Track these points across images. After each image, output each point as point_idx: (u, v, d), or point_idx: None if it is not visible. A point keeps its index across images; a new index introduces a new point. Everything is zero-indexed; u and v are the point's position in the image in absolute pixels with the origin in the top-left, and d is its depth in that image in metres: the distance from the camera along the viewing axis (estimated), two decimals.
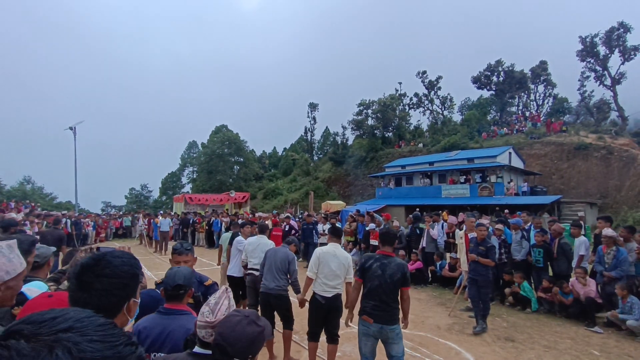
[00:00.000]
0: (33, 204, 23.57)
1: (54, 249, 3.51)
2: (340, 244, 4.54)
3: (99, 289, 1.14)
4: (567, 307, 6.51)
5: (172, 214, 20.55)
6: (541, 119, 36.22)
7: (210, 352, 1.56)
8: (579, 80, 37.89)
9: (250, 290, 5.39)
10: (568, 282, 6.68)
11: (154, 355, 1.91)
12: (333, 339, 4.25)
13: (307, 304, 4.42)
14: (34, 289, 1.73)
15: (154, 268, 11.47)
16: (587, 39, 34.71)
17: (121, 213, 30.18)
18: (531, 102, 44.14)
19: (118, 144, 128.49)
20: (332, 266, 4.12)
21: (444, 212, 17.73)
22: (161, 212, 22.49)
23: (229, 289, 1.72)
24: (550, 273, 7.36)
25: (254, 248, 5.40)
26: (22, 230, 9.81)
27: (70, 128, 21.80)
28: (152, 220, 16.73)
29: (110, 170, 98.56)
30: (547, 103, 43.07)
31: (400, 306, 3.67)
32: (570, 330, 6.03)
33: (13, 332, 0.52)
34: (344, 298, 4.24)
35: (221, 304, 1.61)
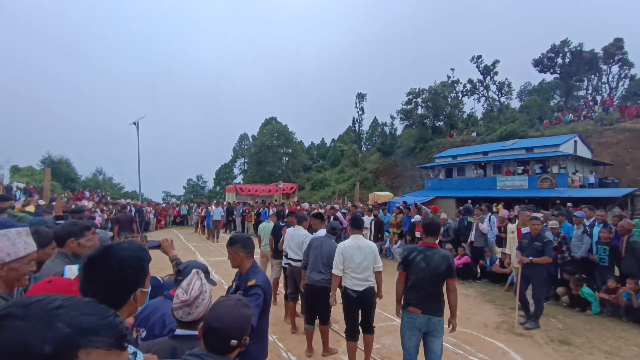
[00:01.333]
0: (104, 193, 25.96)
1: (111, 234, 3.88)
2: (361, 234, 4.39)
3: (104, 280, 1.18)
4: (635, 311, 5.90)
5: (225, 203, 21.56)
6: (614, 104, 32.71)
7: (193, 332, 1.64)
8: None
9: (290, 280, 5.53)
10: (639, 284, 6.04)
11: (142, 331, 2.00)
12: (369, 330, 4.25)
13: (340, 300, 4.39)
14: (74, 268, 1.91)
15: (207, 254, 12.17)
16: None
17: (179, 202, 32.22)
18: (603, 85, 39.95)
19: (177, 137, 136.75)
20: (357, 259, 4.04)
21: (499, 205, 16.81)
22: (215, 201, 23.69)
23: (200, 272, 1.77)
24: (617, 273, 6.72)
25: (290, 239, 5.48)
26: (92, 217, 10.87)
27: (134, 123, 23.56)
28: (206, 209, 17.69)
29: (170, 162, 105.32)
30: (622, 85, 38.72)
31: (447, 299, 3.56)
32: (637, 336, 5.46)
33: (4, 316, 0.55)
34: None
35: (193, 284, 1.68)
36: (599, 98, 37.21)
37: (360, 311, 4.19)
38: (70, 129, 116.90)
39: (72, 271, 1.87)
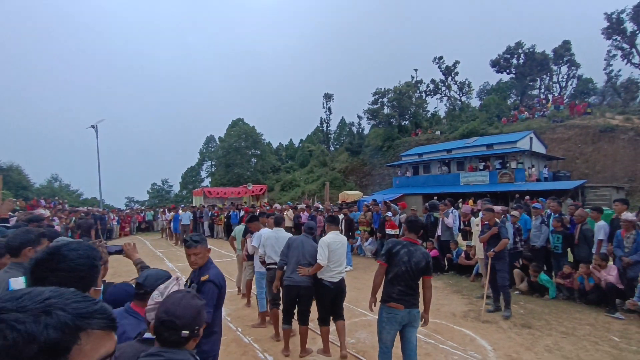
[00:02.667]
0: (61, 201, 24.54)
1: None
2: (338, 230, 4.82)
3: (54, 283, 1.11)
4: (587, 293, 6.37)
5: (192, 207, 21.01)
6: (564, 102, 34.93)
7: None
8: (604, 59, 36.26)
9: (271, 285, 5.14)
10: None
11: None
12: (341, 316, 4.58)
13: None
14: (20, 280, 1.80)
15: (175, 260, 11.82)
16: (614, 16, 33.06)
17: (143, 208, 31.06)
18: (554, 85, 42.61)
19: (139, 141, 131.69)
20: (338, 253, 4.47)
21: (469, 201, 17.49)
22: (182, 205, 23.02)
23: (180, 278, 1.77)
24: (571, 259, 7.21)
25: (274, 243, 5.17)
26: (50, 225, 10.29)
27: (92, 126, 22.48)
28: (175, 213, 17.19)
29: (132, 166, 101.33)
30: (571, 85, 41.49)
31: (422, 294, 3.70)
32: (589, 316, 5.91)
33: (0, 310, 0.56)
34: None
35: (170, 288, 1.69)
36: (550, 97, 39.64)
37: (333, 301, 4.51)
38: (22, 134, 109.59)
39: (18, 283, 1.77)
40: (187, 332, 1.45)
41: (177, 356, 1.41)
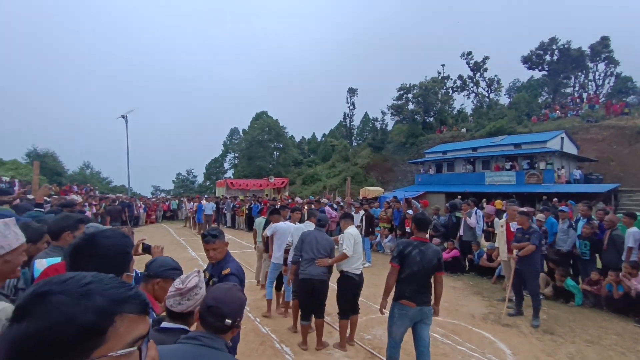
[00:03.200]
0: (92, 187, 25.61)
1: (103, 227, 3.90)
2: (354, 225, 5.04)
3: (91, 268, 1.21)
4: (615, 301, 6.13)
5: (216, 198, 21.47)
6: (600, 101, 33.33)
7: (180, 326, 1.68)
8: None
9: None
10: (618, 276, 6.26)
11: None
12: (357, 310, 4.75)
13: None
14: (44, 261, 1.92)
15: (198, 249, 12.14)
16: None
17: (169, 197, 31.97)
18: (589, 83, 40.65)
19: (166, 132, 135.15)
20: (359, 246, 4.67)
21: (496, 201, 17.03)
22: (205, 196, 23.57)
23: (201, 272, 1.83)
24: (599, 265, 6.95)
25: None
26: (81, 211, 10.80)
27: (122, 116, 23.16)
28: (199, 203, 17.66)
29: (159, 156, 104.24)
30: (608, 83, 39.45)
31: (433, 289, 3.79)
32: (617, 325, 5.70)
33: (43, 293, 0.61)
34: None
35: (192, 278, 1.76)
36: (585, 95, 37.89)
37: (355, 293, 4.67)
38: (57, 123, 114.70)
39: (41, 264, 1.88)
40: (230, 321, 1.52)
41: (215, 343, 1.47)
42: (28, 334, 0.56)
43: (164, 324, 1.71)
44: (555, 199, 15.65)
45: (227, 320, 1.52)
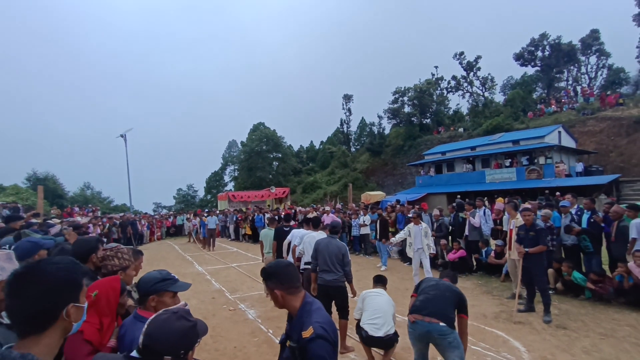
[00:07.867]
0: (94, 208, 25.61)
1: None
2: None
3: (28, 297, 1.14)
4: (625, 293, 6.12)
5: (217, 212, 21.49)
6: (594, 93, 33.52)
7: None
8: (637, 47, 34.44)
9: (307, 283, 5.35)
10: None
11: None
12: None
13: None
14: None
15: (204, 263, 12.13)
16: None
17: (172, 212, 31.95)
18: (582, 76, 40.87)
19: (164, 148, 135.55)
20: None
21: (499, 198, 17.05)
22: (207, 210, 23.58)
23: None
24: (605, 257, 6.96)
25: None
26: (86, 232, 10.85)
27: (121, 135, 23.34)
28: (200, 220, 17.66)
29: (159, 173, 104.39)
30: (601, 75, 39.62)
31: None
32: (629, 317, 5.68)
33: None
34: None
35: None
36: (579, 88, 38.10)
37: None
38: (54, 145, 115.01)
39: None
40: (169, 357, 1.37)
41: None
42: None
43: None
44: (557, 193, 15.68)
45: (165, 357, 1.36)
